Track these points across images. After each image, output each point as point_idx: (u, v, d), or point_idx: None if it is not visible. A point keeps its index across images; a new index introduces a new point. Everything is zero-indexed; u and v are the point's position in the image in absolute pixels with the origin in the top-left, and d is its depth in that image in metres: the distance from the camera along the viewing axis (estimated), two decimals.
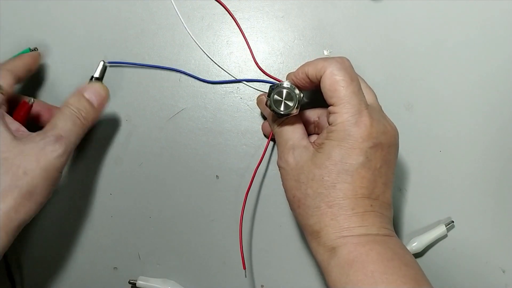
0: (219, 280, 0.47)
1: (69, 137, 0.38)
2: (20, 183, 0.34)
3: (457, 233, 0.46)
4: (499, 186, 0.47)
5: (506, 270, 0.46)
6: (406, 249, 0.37)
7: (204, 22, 0.47)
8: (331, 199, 0.36)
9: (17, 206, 0.34)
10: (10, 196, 0.34)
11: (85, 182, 0.47)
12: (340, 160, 0.36)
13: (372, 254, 0.34)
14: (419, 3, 0.47)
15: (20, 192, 0.34)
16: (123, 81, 0.47)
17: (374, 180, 0.36)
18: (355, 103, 0.36)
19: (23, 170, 0.35)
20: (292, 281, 0.46)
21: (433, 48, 0.47)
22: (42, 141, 0.36)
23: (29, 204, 0.35)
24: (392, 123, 0.38)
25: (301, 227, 0.39)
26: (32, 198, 0.35)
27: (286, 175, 0.39)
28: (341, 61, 0.37)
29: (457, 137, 0.47)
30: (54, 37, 0.47)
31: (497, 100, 0.47)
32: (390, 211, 0.38)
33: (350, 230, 0.36)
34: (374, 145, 0.36)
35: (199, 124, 0.47)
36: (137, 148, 0.47)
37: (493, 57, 0.47)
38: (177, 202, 0.47)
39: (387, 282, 0.33)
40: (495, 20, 0.47)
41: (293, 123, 0.40)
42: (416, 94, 0.47)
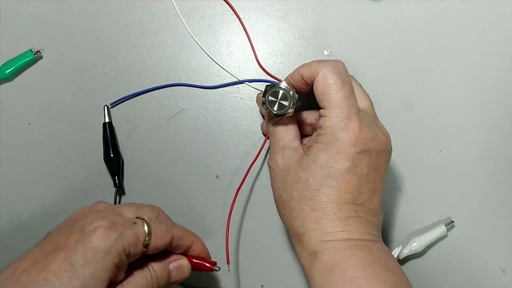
0: (219, 280, 0.47)
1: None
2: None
3: (457, 233, 0.46)
4: (499, 186, 0.47)
5: (506, 270, 0.46)
6: (389, 254, 0.37)
7: (204, 22, 0.47)
8: (314, 203, 0.36)
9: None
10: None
11: (85, 182, 0.47)
12: (326, 164, 0.36)
13: (352, 259, 0.34)
14: (419, 3, 0.47)
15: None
16: (122, 81, 0.47)
17: (359, 186, 0.36)
18: (345, 107, 0.36)
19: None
20: (292, 281, 0.46)
21: (433, 48, 0.47)
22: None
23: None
24: (384, 130, 0.38)
25: (286, 229, 0.39)
26: None
27: (274, 175, 0.39)
28: (335, 64, 0.37)
29: (457, 137, 0.47)
30: (54, 37, 0.47)
31: (497, 100, 0.47)
32: (377, 218, 0.37)
33: (332, 234, 0.35)
34: (361, 151, 0.36)
35: (199, 124, 0.47)
36: (137, 148, 0.47)
37: (494, 57, 0.47)
38: (177, 202, 0.47)
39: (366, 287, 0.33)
40: (496, 20, 0.47)
41: (287, 123, 0.40)
42: (416, 94, 0.47)
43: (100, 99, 0.47)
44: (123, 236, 0.35)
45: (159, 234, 0.37)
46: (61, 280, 0.33)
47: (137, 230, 0.36)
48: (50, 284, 0.33)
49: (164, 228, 0.38)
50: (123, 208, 0.39)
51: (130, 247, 0.35)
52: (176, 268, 0.39)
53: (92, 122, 0.47)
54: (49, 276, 0.33)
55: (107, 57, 0.47)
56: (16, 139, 0.47)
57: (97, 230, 0.35)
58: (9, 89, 0.48)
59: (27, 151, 0.47)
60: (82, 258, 0.33)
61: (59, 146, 0.47)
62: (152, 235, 0.37)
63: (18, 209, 0.47)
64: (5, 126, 0.47)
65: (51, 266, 0.33)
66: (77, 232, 0.35)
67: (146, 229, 0.36)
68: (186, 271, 0.40)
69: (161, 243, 0.37)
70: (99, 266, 0.34)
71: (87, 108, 0.47)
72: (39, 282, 0.33)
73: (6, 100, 0.47)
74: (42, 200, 0.47)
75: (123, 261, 0.35)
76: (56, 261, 0.33)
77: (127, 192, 0.47)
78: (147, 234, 0.36)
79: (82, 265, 0.33)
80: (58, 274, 0.33)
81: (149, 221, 0.37)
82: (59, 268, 0.33)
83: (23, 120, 0.47)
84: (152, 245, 0.37)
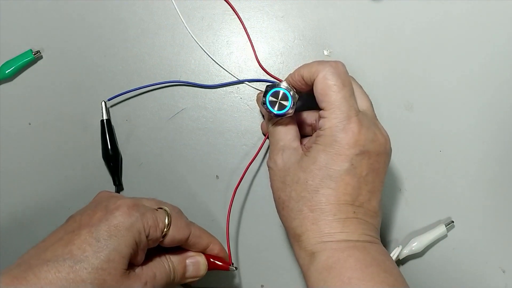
0: (219, 280, 0.47)
1: (153, 285, 0.38)
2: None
3: (457, 233, 0.46)
4: (499, 186, 0.47)
5: (506, 270, 0.46)
6: (387, 256, 0.37)
7: (204, 22, 0.47)
8: (313, 203, 0.36)
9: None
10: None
11: (85, 181, 0.47)
12: (325, 165, 0.36)
13: (350, 260, 0.34)
14: (419, 3, 0.47)
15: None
16: (122, 81, 0.47)
17: (358, 188, 0.36)
18: (344, 109, 0.36)
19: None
20: (292, 281, 0.46)
21: (433, 48, 0.47)
22: (136, 284, 0.36)
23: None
24: (384, 131, 0.38)
25: (285, 229, 0.39)
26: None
27: (274, 175, 0.39)
28: (335, 65, 0.37)
29: (457, 137, 0.47)
30: (54, 37, 0.47)
31: (498, 100, 0.47)
32: (376, 219, 0.37)
33: (330, 235, 0.35)
34: (360, 152, 0.36)
35: (199, 124, 0.47)
36: (137, 148, 0.47)
37: (494, 57, 0.47)
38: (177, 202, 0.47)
39: None
40: (496, 20, 0.47)
41: (287, 124, 0.40)
42: (416, 94, 0.47)
43: (100, 99, 0.47)
44: (144, 216, 0.36)
45: (178, 226, 0.39)
46: (86, 253, 0.34)
47: (158, 215, 0.38)
48: (75, 257, 0.34)
49: (184, 222, 0.39)
50: (144, 200, 0.40)
51: (150, 228, 0.37)
52: (192, 263, 0.40)
53: (92, 122, 0.47)
54: (74, 250, 0.34)
55: (107, 57, 0.47)
56: (16, 139, 0.47)
57: (120, 208, 0.36)
58: (9, 89, 0.48)
59: (27, 151, 0.47)
60: (106, 233, 0.35)
61: (59, 146, 0.47)
62: (172, 225, 0.38)
63: (18, 209, 0.47)
64: (5, 126, 0.47)
65: (75, 241, 0.34)
66: (100, 211, 0.36)
67: (166, 219, 0.38)
68: (202, 267, 0.41)
69: (179, 235, 0.39)
70: (121, 241, 0.35)
71: (87, 108, 0.47)
72: (64, 256, 0.34)
73: (6, 100, 0.47)
74: (42, 200, 0.47)
75: (143, 242, 0.36)
76: (80, 236, 0.35)
77: (128, 192, 0.47)
78: (167, 225, 0.38)
79: (106, 239, 0.34)
80: (83, 248, 0.34)
81: (170, 212, 0.39)
82: (84, 242, 0.34)
83: (23, 120, 0.47)
84: (170, 235, 0.38)
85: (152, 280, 0.37)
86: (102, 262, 0.34)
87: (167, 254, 0.39)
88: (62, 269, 0.33)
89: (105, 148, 0.46)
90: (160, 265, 0.38)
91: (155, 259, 0.39)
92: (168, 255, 0.39)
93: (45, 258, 0.34)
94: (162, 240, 0.38)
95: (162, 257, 0.39)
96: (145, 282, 0.36)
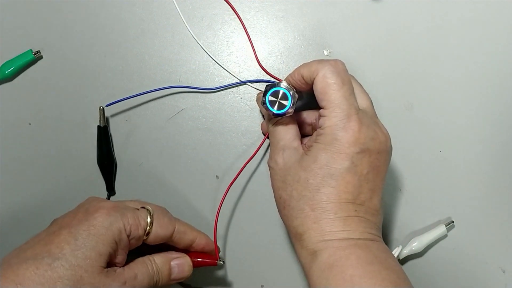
0: (219, 280, 0.47)
1: (133, 286, 0.38)
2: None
3: (457, 233, 0.46)
4: (499, 186, 0.47)
5: (506, 270, 0.46)
6: (389, 253, 0.37)
7: (204, 22, 0.47)
8: (314, 202, 0.36)
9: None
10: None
11: (85, 182, 0.47)
12: (326, 164, 0.36)
13: (352, 258, 0.34)
14: (419, 3, 0.47)
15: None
16: (122, 81, 0.47)
17: (359, 186, 0.36)
18: (344, 107, 0.36)
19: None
20: (292, 281, 0.46)
21: (433, 48, 0.47)
22: (115, 283, 0.36)
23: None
24: (384, 130, 0.38)
25: (286, 229, 0.39)
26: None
27: (275, 175, 0.39)
28: (335, 64, 0.37)
29: (457, 137, 0.47)
30: (54, 37, 0.47)
31: (498, 100, 0.47)
32: (377, 217, 0.37)
33: (332, 234, 0.35)
34: (361, 150, 0.36)
35: (199, 124, 0.47)
36: (137, 148, 0.47)
37: (494, 57, 0.47)
38: (177, 202, 0.47)
39: (366, 286, 0.33)
40: (496, 20, 0.47)
41: (287, 123, 0.40)
42: (416, 94, 0.47)
43: (100, 99, 0.47)
44: (125, 216, 0.37)
45: (161, 223, 0.39)
46: (64, 251, 0.35)
47: (140, 214, 0.38)
48: (53, 255, 0.35)
49: (167, 219, 0.40)
50: (127, 201, 0.41)
51: (131, 227, 0.37)
52: (177, 265, 0.41)
53: (92, 122, 0.47)
54: (52, 248, 0.35)
55: (107, 57, 0.47)
56: (16, 139, 0.47)
57: (100, 210, 0.37)
58: (9, 89, 0.48)
59: (27, 151, 0.47)
60: (85, 232, 0.36)
61: (59, 146, 0.47)
62: (155, 223, 0.39)
63: (18, 209, 0.47)
64: (5, 126, 0.47)
65: (55, 240, 0.35)
66: (81, 213, 0.37)
67: (148, 217, 0.39)
68: (187, 269, 0.41)
69: (162, 232, 0.39)
70: (100, 239, 0.36)
71: (87, 108, 0.47)
72: (42, 254, 0.35)
73: (6, 100, 0.47)
74: (42, 200, 0.47)
75: (124, 240, 0.37)
76: (60, 236, 0.36)
77: (128, 192, 0.47)
78: (150, 223, 0.38)
79: (84, 238, 0.35)
80: (61, 246, 0.35)
81: (153, 211, 0.39)
82: (62, 241, 0.35)
83: (23, 120, 0.47)
84: (153, 233, 0.39)
85: (132, 280, 0.37)
86: (79, 260, 0.35)
87: (151, 255, 0.40)
88: (41, 266, 0.34)
89: (100, 155, 0.46)
90: (142, 267, 0.39)
91: (138, 260, 0.39)
92: (152, 257, 0.40)
93: (24, 257, 0.35)
94: (146, 238, 0.38)
95: (145, 258, 0.39)
96: (124, 282, 0.37)
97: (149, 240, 0.39)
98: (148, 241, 0.39)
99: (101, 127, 0.46)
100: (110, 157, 0.46)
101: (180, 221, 0.41)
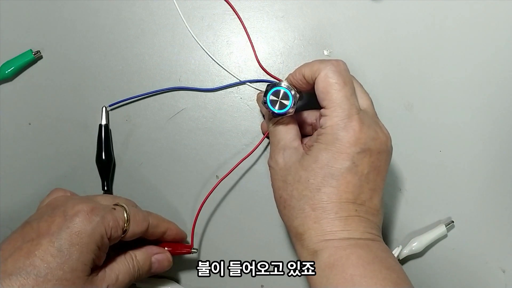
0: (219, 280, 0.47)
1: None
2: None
3: (457, 233, 0.46)
4: (499, 186, 0.47)
5: (506, 270, 0.46)
6: (389, 253, 0.37)
7: (204, 22, 0.47)
8: (315, 202, 0.36)
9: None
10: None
11: (84, 182, 0.47)
12: (327, 163, 0.36)
13: (352, 257, 0.34)
14: (419, 3, 0.47)
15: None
16: (122, 81, 0.47)
17: (360, 186, 0.36)
18: (346, 107, 0.36)
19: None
20: (292, 281, 0.46)
21: (433, 48, 0.47)
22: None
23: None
24: (385, 130, 0.38)
25: (287, 228, 0.39)
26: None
27: (275, 175, 0.39)
28: (337, 64, 0.37)
29: (457, 137, 0.47)
30: (54, 37, 0.47)
31: (498, 100, 0.47)
32: (378, 217, 0.37)
33: (332, 233, 0.35)
34: (362, 150, 0.36)
35: (199, 124, 0.47)
36: (137, 148, 0.47)
37: (494, 57, 0.47)
38: (177, 202, 0.47)
39: (366, 286, 0.33)
40: (496, 20, 0.47)
41: (288, 123, 0.40)
42: (416, 94, 0.47)
43: (100, 99, 0.47)
44: (105, 219, 0.37)
45: (137, 220, 0.39)
46: (50, 265, 0.34)
47: (117, 215, 0.38)
48: (38, 269, 0.33)
49: (141, 216, 0.40)
50: (98, 197, 0.41)
51: (112, 230, 0.37)
52: (158, 260, 0.41)
53: (92, 122, 0.47)
54: (36, 261, 0.34)
55: (107, 57, 0.47)
56: (16, 139, 0.47)
57: (79, 214, 0.36)
58: (9, 89, 0.48)
59: (27, 151, 0.47)
60: (67, 242, 0.35)
61: (59, 146, 0.47)
62: (131, 221, 0.39)
63: (18, 209, 0.47)
64: (5, 126, 0.47)
65: (37, 252, 0.34)
66: (59, 217, 0.36)
67: (125, 215, 0.38)
68: (166, 264, 0.42)
69: (138, 229, 0.39)
70: (84, 249, 0.35)
71: (87, 108, 0.47)
72: (26, 268, 0.33)
73: (6, 100, 0.47)
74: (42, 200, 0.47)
75: (105, 244, 0.37)
76: (41, 246, 0.34)
77: (127, 191, 0.47)
78: (126, 220, 0.38)
79: (68, 249, 0.34)
80: (45, 259, 0.34)
81: (128, 209, 0.39)
82: (46, 253, 0.34)
83: (23, 120, 0.47)
84: (130, 231, 0.39)
85: (113, 283, 0.37)
86: (65, 273, 0.34)
87: (133, 252, 0.40)
88: (26, 282, 0.33)
89: (99, 153, 0.46)
90: (123, 266, 0.39)
91: (119, 259, 0.39)
92: (133, 253, 0.40)
93: (6, 271, 0.33)
94: (124, 236, 0.38)
95: (127, 255, 0.39)
96: (107, 286, 0.37)
97: (125, 238, 0.39)
98: (125, 239, 0.39)
99: (102, 125, 0.46)
100: (109, 155, 0.46)
101: (152, 214, 0.42)
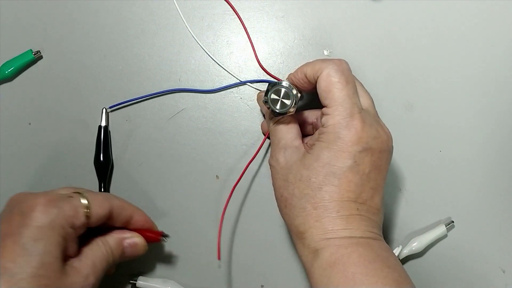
0: (219, 280, 0.47)
1: (96, 275, 0.38)
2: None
3: (457, 233, 0.46)
4: (499, 186, 0.47)
5: (506, 270, 0.46)
6: (390, 252, 0.37)
7: (204, 22, 0.47)
8: (316, 201, 0.36)
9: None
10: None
11: (84, 183, 0.47)
12: (328, 162, 0.36)
13: (353, 256, 0.34)
14: (419, 3, 0.47)
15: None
16: (122, 81, 0.47)
17: (361, 185, 0.36)
18: (348, 106, 0.36)
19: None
20: (292, 281, 0.46)
21: (433, 48, 0.47)
22: (78, 279, 0.36)
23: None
24: (386, 129, 0.38)
25: (288, 227, 0.39)
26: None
27: (276, 174, 0.39)
28: (339, 63, 0.37)
29: (457, 137, 0.47)
30: (54, 37, 0.47)
31: (498, 100, 0.47)
32: (379, 216, 0.38)
33: (334, 232, 0.35)
34: (363, 149, 0.36)
35: (199, 124, 0.47)
36: (137, 148, 0.47)
37: (494, 57, 0.47)
38: (177, 202, 0.47)
39: (367, 284, 0.33)
40: (496, 20, 0.47)
41: (289, 122, 0.40)
42: (416, 94, 0.47)
43: (100, 99, 0.47)
44: (62, 210, 0.36)
45: (97, 203, 0.38)
46: (19, 264, 0.33)
47: (75, 202, 0.37)
48: (9, 270, 0.33)
49: (101, 197, 0.39)
50: (57, 189, 0.40)
51: (72, 219, 0.36)
52: (130, 245, 0.40)
53: (92, 122, 0.47)
54: (5, 263, 0.33)
55: (107, 57, 0.47)
56: (16, 139, 0.47)
57: (36, 208, 0.35)
58: (9, 89, 0.48)
59: (27, 151, 0.47)
60: (31, 239, 0.34)
61: (59, 146, 0.47)
62: (91, 205, 0.37)
63: None
64: (5, 126, 0.47)
65: (3, 254, 0.33)
66: (17, 215, 0.35)
67: (83, 201, 0.37)
68: (141, 248, 0.41)
69: (102, 211, 0.38)
70: (48, 242, 0.34)
71: (87, 108, 0.47)
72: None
73: (6, 100, 0.47)
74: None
75: (70, 234, 0.36)
76: (6, 247, 0.34)
77: (127, 191, 0.47)
78: (86, 206, 0.37)
79: (33, 245, 0.34)
80: (13, 260, 0.33)
81: (85, 193, 0.38)
82: (12, 253, 0.33)
83: (23, 120, 0.47)
84: (94, 215, 0.37)
85: (92, 270, 0.37)
86: (37, 269, 0.33)
87: (104, 237, 0.39)
88: (0, 285, 0.32)
89: (97, 154, 0.46)
90: (97, 252, 0.38)
91: (91, 246, 0.38)
92: (105, 238, 0.39)
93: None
94: (89, 222, 0.37)
95: (98, 241, 0.39)
96: (86, 275, 0.36)
97: (91, 223, 0.37)
98: (91, 224, 0.38)
99: (101, 126, 0.46)
100: (107, 157, 0.46)
101: (114, 196, 0.41)
